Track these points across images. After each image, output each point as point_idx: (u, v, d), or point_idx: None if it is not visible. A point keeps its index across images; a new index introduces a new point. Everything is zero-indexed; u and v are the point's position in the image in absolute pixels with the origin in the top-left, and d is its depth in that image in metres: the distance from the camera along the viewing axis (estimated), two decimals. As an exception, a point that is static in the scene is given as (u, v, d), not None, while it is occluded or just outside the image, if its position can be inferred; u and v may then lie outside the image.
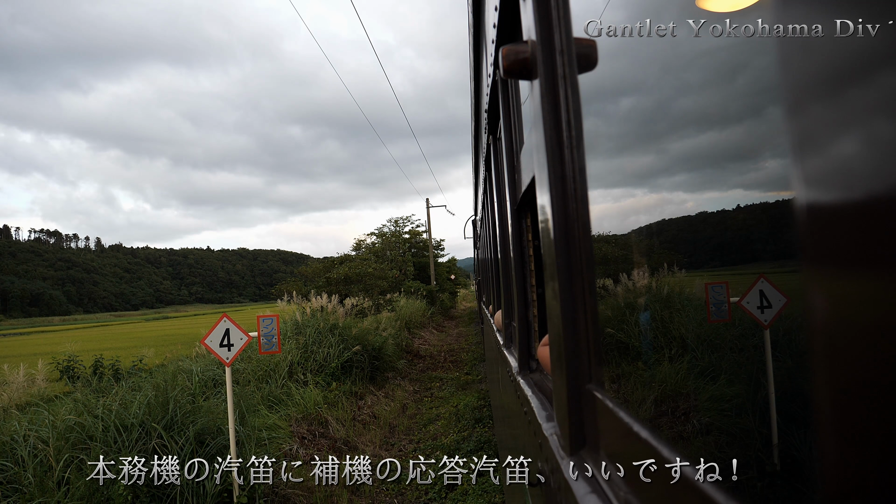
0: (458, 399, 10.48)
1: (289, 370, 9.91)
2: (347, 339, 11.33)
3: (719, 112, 0.76)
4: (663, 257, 1.02)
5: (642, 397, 1.06)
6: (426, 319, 24.94)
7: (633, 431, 0.86)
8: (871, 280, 0.37)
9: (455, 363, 15.25)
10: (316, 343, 10.95)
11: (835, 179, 0.39)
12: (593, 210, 1.14)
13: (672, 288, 1.00)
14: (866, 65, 0.36)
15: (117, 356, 10.03)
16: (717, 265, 0.89)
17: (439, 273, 40.08)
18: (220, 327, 5.58)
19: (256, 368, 9.73)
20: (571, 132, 1.16)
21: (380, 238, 36.51)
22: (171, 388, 6.26)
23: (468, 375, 12.93)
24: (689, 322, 0.95)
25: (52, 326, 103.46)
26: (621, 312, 1.21)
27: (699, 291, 0.91)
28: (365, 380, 11.27)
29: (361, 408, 9.80)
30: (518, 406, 2.29)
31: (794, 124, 0.42)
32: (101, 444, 5.34)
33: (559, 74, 1.19)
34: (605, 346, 1.19)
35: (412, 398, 11.26)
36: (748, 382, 0.75)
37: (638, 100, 1.09)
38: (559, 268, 1.19)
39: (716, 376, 0.86)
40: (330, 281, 20.44)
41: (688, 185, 0.90)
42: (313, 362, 10.52)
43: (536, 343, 2.41)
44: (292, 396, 8.90)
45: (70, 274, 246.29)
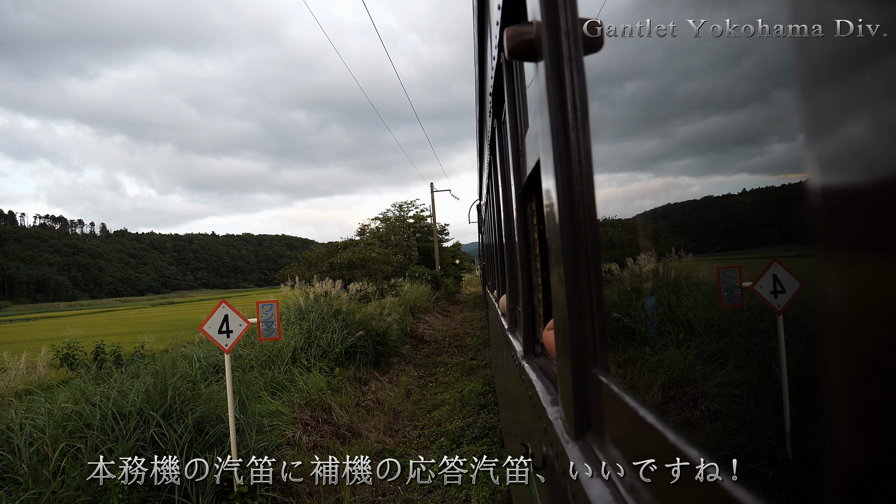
0: (463, 384, 10.40)
1: (292, 356, 9.85)
2: (351, 325, 11.26)
3: (725, 96, 0.75)
4: (669, 241, 1.01)
5: (649, 382, 1.05)
6: (431, 304, 25.00)
7: (638, 416, 0.86)
8: (884, 265, 0.36)
9: (460, 348, 15.16)
10: (319, 328, 10.89)
11: (845, 162, 0.39)
12: (598, 194, 1.13)
13: (679, 272, 0.99)
14: (875, 47, 0.35)
15: (119, 342, 9.87)
16: (723, 249, 0.88)
17: (444, 258, 40.17)
18: (219, 313, 5.45)
19: (259, 354, 9.64)
20: (577, 115, 1.15)
21: (384, 223, 36.59)
22: (171, 374, 6.17)
23: (473, 360, 12.86)
24: (697, 307, 0.94)
25: (58, 312, 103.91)
26: (627, 297, 1.20)
27: (706, 276, 0.90)
28: (369, 365, 11.17)
29: (365, 393, 9.71)
30: (523, 390, 2.29)
31: (802, 108, 0.42)
32: (98, 433, 5.24)
33: (565, 56, 1.18)
34: (611, 331, 1.19)
35: (417, 383, 11.16)
36: (759, 368, 0.74)
37: (644, 83, 1.07)
38: (564, 252, 1.18)
39: (724, 362, 0.85)
40: (334, 266, 20.37)
41: (693, 169, 0.89)
42: (317, 348, 10.46)
43: (541, 327, 2.41)
44: (296, 382, 8.85)
45: (76, 259, 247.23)
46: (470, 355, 13.68)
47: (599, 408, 1.10)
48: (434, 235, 39.11)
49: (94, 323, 32.79)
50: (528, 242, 2.49)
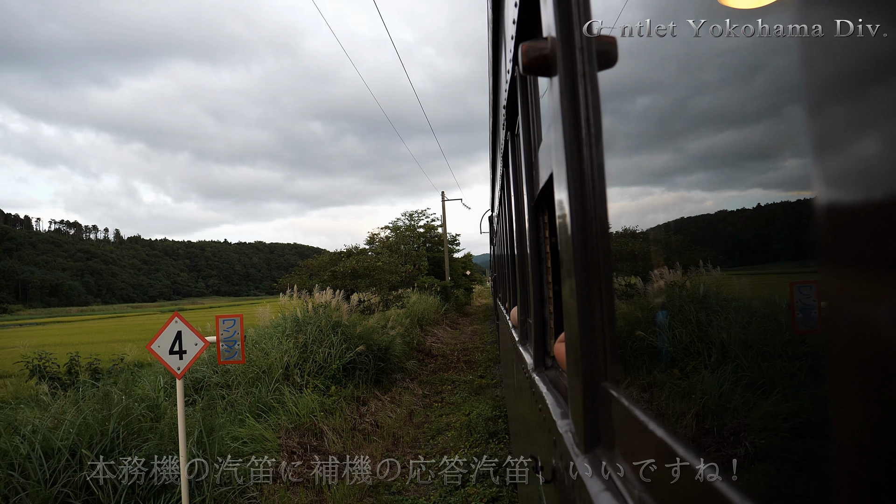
0: (471, 406, 9.78)
1: (284, 372, 9.07)
2: (351, 339, 10.51)
3: (737, 111, 0.75)
4: (684, 256, 1.01)
5: (680, 410, 0.97)
6: (440, 316, 24.50)
7: (648, 430, 0.86)
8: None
9: (468, 364, 14.60)
10: (317, 342, 10.08)
11: (860, 179, 0.39)
12: (611, 207, 1.13)
13: (709, 287, 0.94)
14: (888, 63, 0.36)
15: (97, 353, 8.86)
16: (737, 265, 0.87)
17: (454, 269, 39.71)
18: (171, 329, 4.49)
19: (247, 370, 8.82)
20: (590, 129, 1.16)
21: (394, 232, 36.04)
22: (117, 400, 5.23)
23: (482, 379, 12.24)
24: (732, 326, 0.87)
25: (69, 317, 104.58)
26: (646, 312, 1.19)
27: (739, 291, 0.86)
28: (369, 383, 10.41)
29: (364, 415, 8.99)
30: (533, 403, 2.29)
31: (815, 123, 0.42)
32: (18, 475, 4.28)
33: (579, 72, 1.19)
34: (633, 351, 1.19)
35: (421, 403, 10.59)
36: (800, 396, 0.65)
37: (656, 98, 1.08)
38: (576, 265, 1.19)
39: (767, 389, 0.74)
40: (336, 274, 18.90)
41: (706, 183, 0.89)
42: (312, 363, 9.63)
43: (552, 340, 2.40)
44: (286, 403, 8.12)
45: (89, 265, 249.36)
46: (479, 372, 13.08)
47: (609, 421, 1.10)
48: (444, 245, 38.52)
49: (98, 329, 32.22)
50: (540, 255, 2.49)
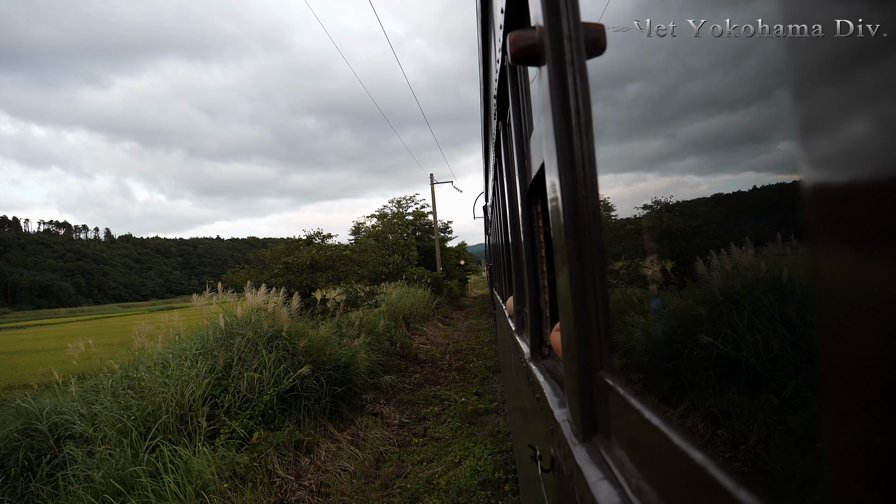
0: (462, 448, 7.13)
1: (179, 418, 6.27)
2: (296, 355, 8.02)
3: (728, 96, 0.75)
4: (674, 242, 1.01)
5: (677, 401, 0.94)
6: (430, 311, 22.71)
7: (644, 418, 0.86)
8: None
9: (462, 372, 12.23)
10: (243, 364, 7.47)
11: (848, 160, 0.39)
12: (603, 196, 1.13)
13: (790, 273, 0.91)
14: (876, 47, 0.36)
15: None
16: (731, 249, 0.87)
17: (447, 258, 37.64)
18: None
19: (123, 414, 6.05)
20: (580, 118, 1.16)
21: (381, 220, 33.97)
22: None
23: (478, 399, 9.58)
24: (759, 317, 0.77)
25: (56, 319, 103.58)
26: (643, 300, 1.18)
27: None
28: (321, 415, 7.65)
29: (304, 472, 6.24)
30: (530, 392, 2.30)
31: (804, 106, 0.42)
32: None
33: (567, 60, 1.19)
34: (629, 339, 1.19)
35: (394, 439, 7.80)
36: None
37: (646, 84, 1.08)
38: (570, 254, 1.19)
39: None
40: (290, 267, 13.89)
41: (699, 168, 0.89)
42: (233, 396, 6.97)
43: (548, 329, 2.41)
44: (175, 467, 5.45)
45: (79, 265, 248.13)
46: (475, 388, 10.44)
47: (606, 410, 1.11)
48: (435, 233, 35.85)
49: (77, 332, 30.73)
50: (534, 244, 2.49)
